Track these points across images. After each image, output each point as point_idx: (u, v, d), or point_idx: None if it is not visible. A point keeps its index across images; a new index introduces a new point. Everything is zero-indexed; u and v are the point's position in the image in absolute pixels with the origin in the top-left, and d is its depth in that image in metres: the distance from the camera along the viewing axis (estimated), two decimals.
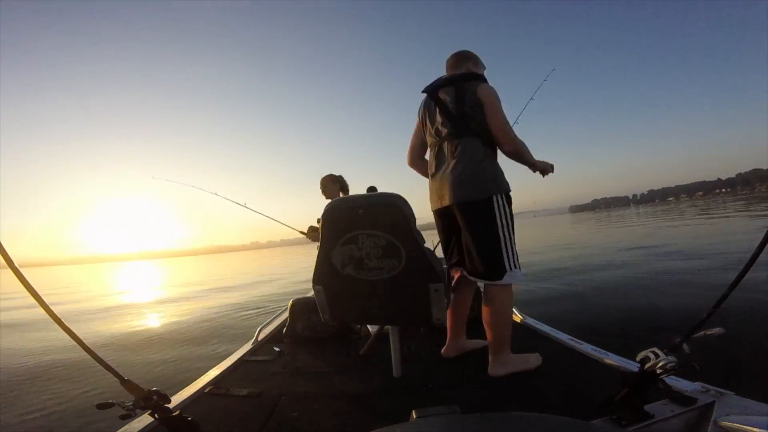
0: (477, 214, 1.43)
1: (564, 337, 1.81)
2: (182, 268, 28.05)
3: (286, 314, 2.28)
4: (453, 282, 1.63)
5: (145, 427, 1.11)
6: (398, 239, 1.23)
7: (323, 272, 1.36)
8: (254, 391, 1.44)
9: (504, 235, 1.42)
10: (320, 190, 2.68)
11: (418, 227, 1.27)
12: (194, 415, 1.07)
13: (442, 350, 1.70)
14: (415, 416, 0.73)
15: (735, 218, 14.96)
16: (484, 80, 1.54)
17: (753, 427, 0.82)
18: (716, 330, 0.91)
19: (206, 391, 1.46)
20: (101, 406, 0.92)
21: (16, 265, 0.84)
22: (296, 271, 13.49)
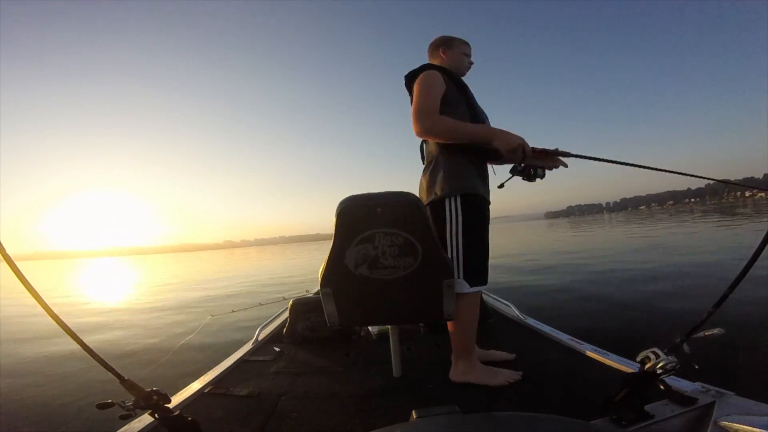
0: (433, 217, 1.37)
1: (564, 337, 1.81)
2: (142, 267, 28.13)
3: (286, 314, 2.28)
4: None
5: (145, 427, 1.11)
6: (416, 237, 1.22)
7: (334, 273, 1.29)
8: (254, 391, 1.44)
9: (452, 242, 1.33)
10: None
11: None
12: (194, 415, 1.07)
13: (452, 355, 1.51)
14: (415, 416, 0.73)
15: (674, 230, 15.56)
16: (429, 68, 1.42)
17: (753, 427, 0.82)
18: (716, 330, 0.91)
19: (206, 391, 1.46)
20: (101, 406, 0.92)
21: (15, 265, 0.84)
22: (250, 274, 13.02)
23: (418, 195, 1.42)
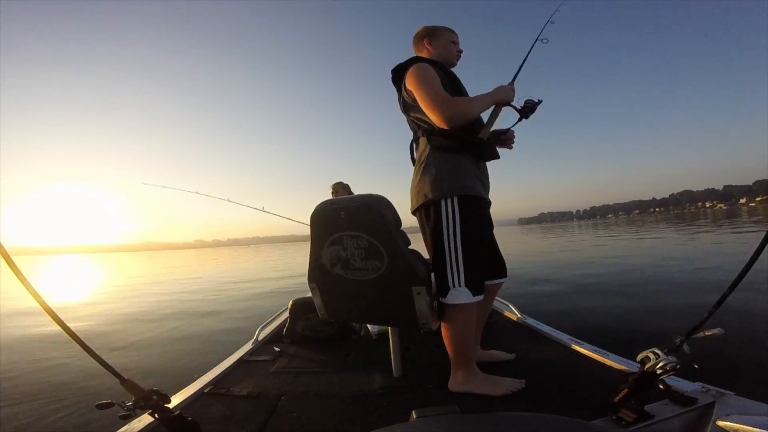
0: (426, 221, 1.30)
1: (564, 337, 1.81)
2: (94, 267, 27.60)
3: (286, 314, 2.28)
4: None
5: (145, 427, 1.11)
6: (378, 241, 1.23)
7: (316, 271, 1.40)
8: (254, 391, 1.44)
9: (449, 247, 1.23)
10: (330, 194, 2.73)
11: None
12: (194, 415, 1.07)
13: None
14: (415, 416, 0.73)
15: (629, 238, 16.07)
16: (418, 60, 1.35)
17: (753, 427, 0.82)
18: (716, 330, 0.91)
19: (206, 391, 1.46)
20: (101, 406, 0.92)
21: (15, 265, 0.84)
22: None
23: (410, 197, 1.40)
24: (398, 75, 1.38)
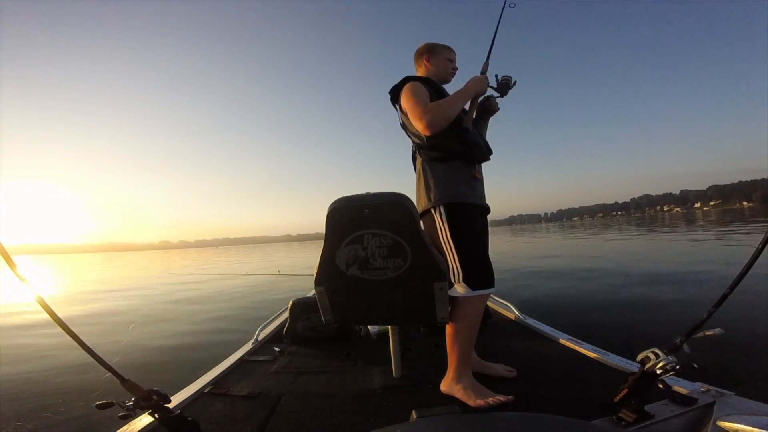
0: (425, 226, 1.38)
1: (564, 337, 1.81)
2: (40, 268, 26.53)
3: (286, 314, 2.28)
4: None
5: (145, 427, 1.11)
6: (404, 239, 1.22)
7: (326, 273, 1.33)
8: (254, 391, 1.44)
9: (446, 250, 1.33)
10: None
11: None
12: (194, 415, 1.08)
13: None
14: (415, 416, 0.73)
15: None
16: (411, 79, 1.42)
17: (753, 427, 0.82)
18: (716, 330, 0.91)
19: (206, 391, 1.46)
20: (101, 406, 0.92)
21: (16, 266, 0.84)
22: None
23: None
24: (394, 96, 1.46)
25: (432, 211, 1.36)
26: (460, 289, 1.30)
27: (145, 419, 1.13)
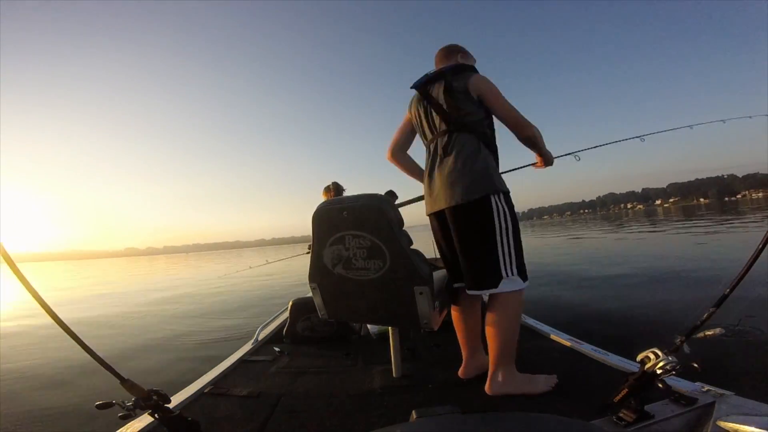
0: (472, 216, 1.30)
1: (564, 337, 1.81)
2: None
3: (286, 314, 2.28)
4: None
5: (145, 427, 1.11)
6: (381, 241, 1.23)
7: (317, 271, 1.40)
8: (254, 391, 1.44)
9: (502, 240, 1.29)
10: (323, 196, 2.71)
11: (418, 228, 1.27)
12: (194, 415, 1.08)
13: (459, 371, 1.49)
14: (415, 416, 0.73)
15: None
16: (475, 71, 1.43)
17: (753, 427, 0.82)
18: (716, 330, 0.91)
19: (206, 391, 1.46)
20: (101, 406, 0.92)
21: (16, 266, 0.84)
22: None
23: (439, 193, 1.37)
24: (457, 70, 1.41)
25: (492, 198, 1.29)
26: (515, 281, 1.29)
27: (145, 419, 1.13)
